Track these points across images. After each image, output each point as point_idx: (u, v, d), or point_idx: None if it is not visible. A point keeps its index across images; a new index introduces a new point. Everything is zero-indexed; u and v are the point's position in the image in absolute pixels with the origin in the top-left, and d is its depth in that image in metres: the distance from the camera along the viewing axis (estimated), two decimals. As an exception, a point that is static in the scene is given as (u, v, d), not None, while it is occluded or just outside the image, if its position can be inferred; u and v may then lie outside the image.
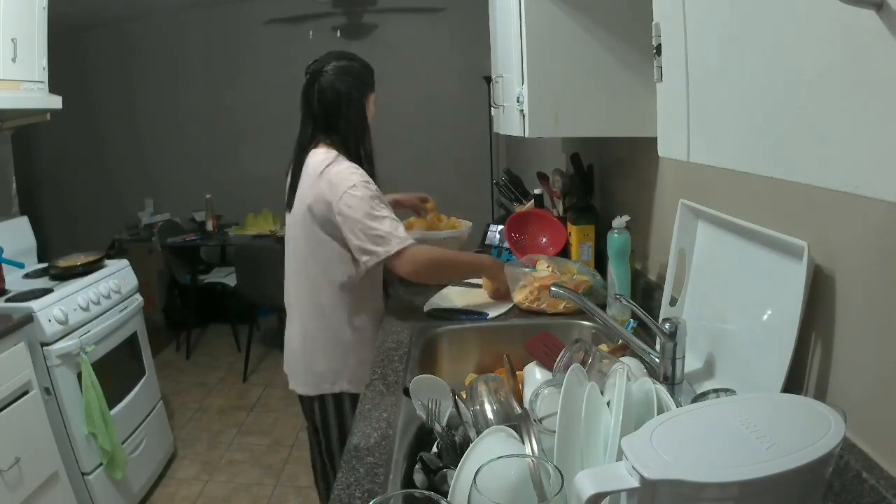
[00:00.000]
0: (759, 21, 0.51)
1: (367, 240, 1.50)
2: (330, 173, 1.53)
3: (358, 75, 1.62)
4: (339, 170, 1.54)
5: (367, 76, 1.65)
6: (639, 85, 1.31)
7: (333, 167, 1.54)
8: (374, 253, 1.51)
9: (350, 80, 1.60)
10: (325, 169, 1.54)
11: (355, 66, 1.62)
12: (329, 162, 1.55)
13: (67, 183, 5.11)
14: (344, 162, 1.56)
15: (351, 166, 1.55)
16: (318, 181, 1.54)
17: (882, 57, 0.37)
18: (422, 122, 4.73)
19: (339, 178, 1.52)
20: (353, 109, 1.61)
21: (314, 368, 1.66)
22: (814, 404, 0.63)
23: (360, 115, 1.62)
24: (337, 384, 1.64)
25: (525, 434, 0.80)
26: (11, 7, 2.24)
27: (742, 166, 0.58)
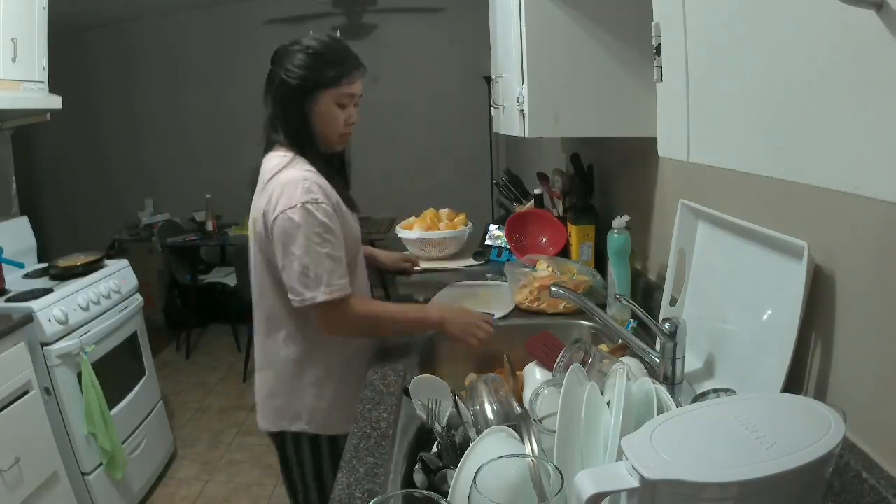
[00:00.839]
0: (759, 21, 0.51)
1: (294, 276, 1.26)
2: (274, 184, 1.28)
3: (301, 68, 1.30)
4: (286, 180, 1.27)
5: (320, 70, 1.31)
6: (639, 85, 1.31)
7: (281, 175, 1.29)
8: (299, 295, 1.27)
9: (289, 73, 1.31)
10: (272, 177, 1.30)
11: (301, 57, 1.31)
12: (280, 168, 1.30)
13: (67, 183, 5.11)
14: (296, 168, 1.30)
15: (304, 176, 1.28)
16: (263, 190, 1.31)
17: (882, 57, 0.37)
18: (422, 122, 4.72)
19: (281, 191, 1.26)
20: (288, 109, 1.33)
21: (273, 401, 1.43)
22: (814, 404, 0.63)
23: (293, 117, 1.33)
24: (295, 423, 1.41)
25: (525, 434, 0.80)
26: (11, 7, 2.24)
27: (742, 166, 0.58)
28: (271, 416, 1.43)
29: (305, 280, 1.25)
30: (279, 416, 1.42)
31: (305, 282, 1.25)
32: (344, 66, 1.33)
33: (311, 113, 1.33)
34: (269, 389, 1.43)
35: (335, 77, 1.32)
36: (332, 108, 1.34)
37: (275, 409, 1.42)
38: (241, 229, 4.33)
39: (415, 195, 1.66)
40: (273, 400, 1.42)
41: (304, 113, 1.33)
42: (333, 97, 1.33)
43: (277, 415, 1.42)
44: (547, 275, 1.61)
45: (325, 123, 1.35)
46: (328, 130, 1.36)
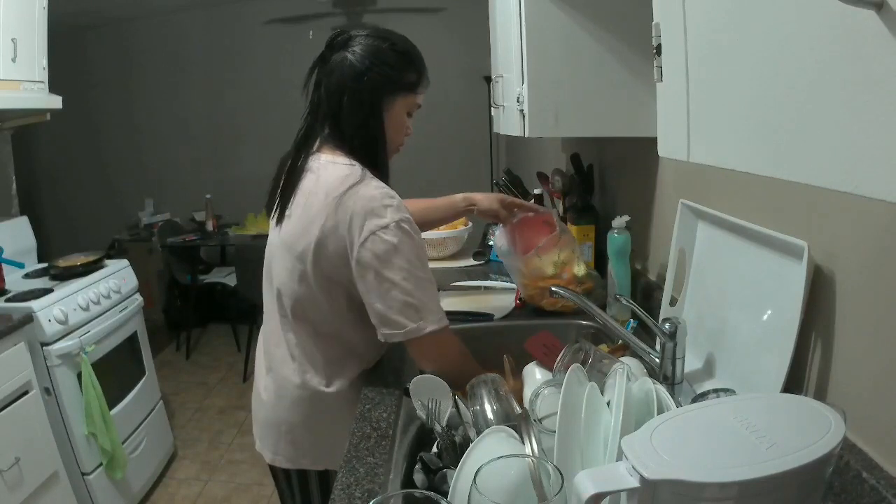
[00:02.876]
0: (759, 21, 0.51)
1: (394, 306, 1.11)
2: (355, 201, 1.10)
3: (387, 64, 1.16)
4: (368, 198, 1.10)
5: (404, 71, 1.19)
6: (639, 85, 1.31)
7: (358, 190, 1.11)
8: (401, 327, 1.12)
9: (373, 67, 1.15)
10: (347, 191, 1.11)
11: (388, 53, 1.17)
12: (353, 182, 1.12)
13: (67, 183, 5.11)
14: (373, 184, 1.13)
15: (385, 193, 1.12)
16: (335, 207, 1.11)
17: (882, 57, 0.37)
18: (422, 122, 4.69)
19: (366, 210, 1.09)
20: (363, 108, 1.16)
21: (292, 437, 1.27)
22: (814, 404, 0.63)
23: (369, 115, 1.17)
24: (321, 462, 1.28)
25: (525, 434, 0.80)
26: (11, 7, 2.24)
27: (742, 166, 0.58)
28: (288, 452, 1.28)
29: (409, 309, 1.11)
30: (299, 453, 1.27)
31: (409, 311, 1.11)
32: (423, 72, 1.23)
33: (384, 115, 1.19)
34: (283, 423, 1.26)
35: (415, 83, 1.21)
36: (403, 114, 1.22)
37: (295, 444, 1.27)
38: (241, 229, 4.33)
39: (414, 195, 1.63)
40: (292, 435, 1.27)
41: (379, 114, 1.18)
42: (407, 104, 1.22)
43: (297, 450, 1.27)
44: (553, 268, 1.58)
45: (394, 129, 1.22)
46: (395, 138, 1.23)
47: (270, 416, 1.29)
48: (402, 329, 1.12)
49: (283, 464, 1.29)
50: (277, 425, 1.28)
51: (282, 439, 1.28)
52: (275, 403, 1.28)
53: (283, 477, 1.32)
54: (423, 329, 1.12)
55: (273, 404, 1.28)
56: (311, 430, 1.26)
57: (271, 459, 1.30)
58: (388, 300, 1.11)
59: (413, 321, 1.12)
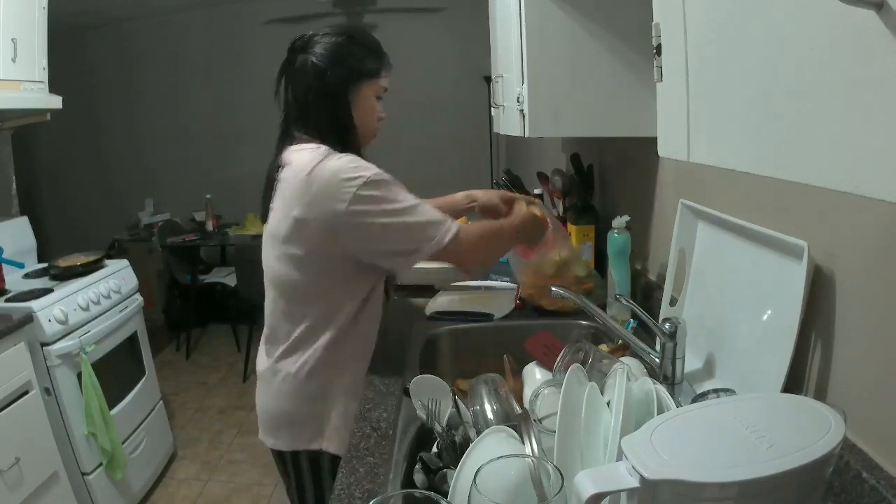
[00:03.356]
0: (758, 21, 0.51)
1: (404, 239, 1.19)
2: (324, 172, 1.16)
3: (347, 56, 1.23)
4: (337, 165, 1.17)
5: (365, 59, 1.26)
6: (639, 85, 1.31)
7: (327, 163, 1.18)
8: (417, 251, 1.19)
9: (335, 62, 1.22)
10: (314, 168, 1.17)
11: (347, 45, 1.24)
12: (317, 160, 1.18)
13: (67, 183, 5.11)
14: (335, 156, 1.20)
15: (347, 159, 1.19)
16: (307, 185, 1.17)
17: (882, 57, 0.37)
18: (422, 122, 4.72)
19: (339, 175, 1.16)
20: (327, 101, 1.23)
21: (290, 419, 1.31)
22: (814, 404, 0.63)
23: (336, 107, 1.24)
24: (315, 441, 1.30)
25: (525, 434, 0.80)
26: (11, 7, 2.24)
27: (742, 166, 0.58)
28: (288, 433, 1.32)
29: (422, 232, 1.18)
30: (298, 434, 1.31)
31: (423, 234, 1.18)
32: (382, 57, 1.29)
33: (352, 105, 1.26)
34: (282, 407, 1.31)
35: (376, 68, 1.27)
36: (371, 99, 1.28)
37: (294, 425, 1.31)
38: (242, 229, 4.33)
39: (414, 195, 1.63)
40: (290, 416, 1.31)
41: (347, 104, 1.25)
42: (373, 89, 1.28)
43: (297, 431, 1.31)
44: None
45: (364, 116, 1.28)
46: (366, 124, 1.30)
47: (261, 403, 1.35)
48: (423, 251, 1.19)
49: (275, 446, 1.34)
50: (267, 410, 1.34)
51: (273, 423, 1.33)
52: (263, 390, 1.35)
53: (279, 459, 1.37)
54: (447, 236, 1.19)
55: (262, 392, 1.35)
56: (296, 409, 1.30)
57: (272, 444, 1.35)
58: (396, 237, 1.19)
59: (434, 236, 1.19)
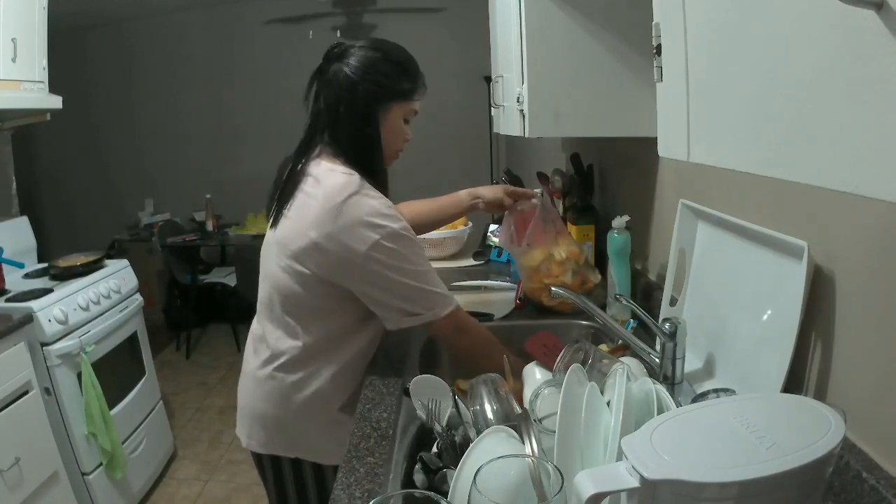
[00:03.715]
0: (759, 21, 0.51)
1: (408, 300, 1.20)
2: (355, 210, 1.15)
3: (381, 74, 1.22)
4: (370, 208, 1.16)
5: (398, 79, 1.25)
6: (639, 85, 1.31)
7: (361, 200, 1.16)
8: (416, 315, 1.21)
9: (367, 77, 1.21)
10: (346, 200, 1.15)
11: (381, 63, 1.23)
12: (352, 192, 1.16)
13: (67, 183, 5.11)
14: (371, 194, 1.19)
15: (382, 203, 1.19)
16: (335, 214, 1.15)
17: (882, 57, 0.37)
18: (422, 122, 4.69)
19: (368, 219, 1.15)
20: (358, 117, 1.22)
21: (275, 423, 1.31)
22: (814, 404, 0.63)
23: (364, 124, 1.23)
24: (293, 450, 1.31)
25: (525, 434, 0.80)
26: (11, 7, 2.24)
27: (742, 166, 0.58)
28: (262, 436, 1.33)
29: (425, 298, 1.21)
30: (272, 440, 1.32)
31: (425, 300, 1.21)
32: (417, 79, 1.28)
33: (380, 123, 1.25)
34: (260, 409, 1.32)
35: (410, 90, 1.27)
36: (399, 120, 1.28)
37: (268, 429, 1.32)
38: (241, 229, 4.33)
39: (414, 195, 1.63)
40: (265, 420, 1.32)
41: (375, 122, 1.24)
42: (403, 111, 1.28)
43: (271, 436, 1.32)
44: None
45: (391, 136, 1.28)
46: (393, 144, 1.29)
47: (247, 401, 1.35)
48: (418, 316, 1.21)
49: (256, 448, 1.34)
50: (252, 410, 1.34)
51: (254, 424, 1.33)
52: (251, 389, 1.34)
53: (257, 461, 1.37)
54: (446, 309, 1.22)
55: (249, 390, 1.35)
56: (280, 419, 1.30)
57: (246, 443, 1.35)
58: (397, 295, 1.19)
59: (429, 309, 1.21)
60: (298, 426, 1.30)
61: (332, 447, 1.25)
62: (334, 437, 1.25)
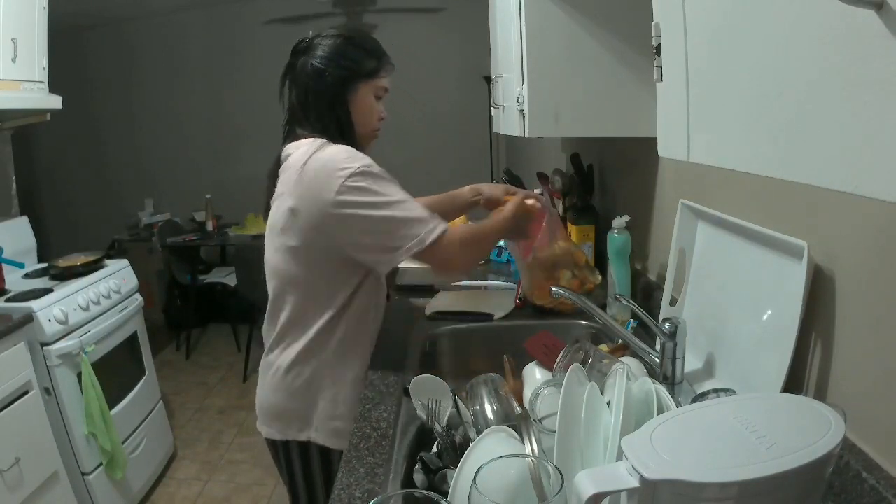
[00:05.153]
0: (758, 21, 0.51)
1: (388, 234, 1.17)
2: (316, 162, 1.18)
3: (345, 57, 1.26)
4: (328, 156, 1.19)
5: (361, 59, 1.28)
6: (639, 85, 1.31)
7: (320, 153, 1.19)
8: (400, 248, 1.17)
9: (332, 63, 1.25)
10: (307, 160, 1.19)
11: (344, 46, 1.27)
12: (312, 151, 1.20)
13: (67, 183, 5.11)
14: (329, 147, 1.22)
15: (339, 149, 1.21)
16: (300, 176, 1.19)
17: (882, 57, 0.37)
18: (422, 121, 4.72)
19: (329, 166, 1.17)
20: (326, 100, 1.26)
21: (279, 410, 1.33)
22: (814, 404, 0.63)
23: (334, 106, 1.26)
24: (304, 432, 1.31)
25: (525, 434, 0.80)
26: (11, 7, 2.24)
27: (742, 166, 0.58)
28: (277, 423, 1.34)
29: (407, 229, 1.17)
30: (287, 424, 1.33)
31: (407, 231, 1.17)
32: (381, 57, 1.31)
33: (350, 104, 1.28)
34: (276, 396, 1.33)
35: (374, 68, 1.29)
36: (369, 98, 1.30)
37: (282, 415, 1.33)
38: (242, 229, 4.33)
39: (414, 195, 1.62)
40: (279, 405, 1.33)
41: (344, 102, 1.27)
42: (372, 89, 1.30)
43: (286, 421, 1.33)
44: None
45: (363, 115, 1.30)
46: (366, 123, 1.31)
47: (258, 392, 1.39)
48: (402, 249, 1.18)
49: (268, 434, 1.36)
50: (262, 399, 1.37)
51: (263, 412, 1.37)
52: (259, 379, 1.39)
53: (272, 448, 1.39)
54: (431, 235, 1.18)
55: (259, 381, 1.39)
56: (286, 401, 1.32)
57: (260, 430, 1.38)
58: (382, 231, 1.18)
59: (419, 233, 1.17)
60: (302, 401, 1.31)
61: (338, 425, 1.28)
62: (337, 416, 1.28)
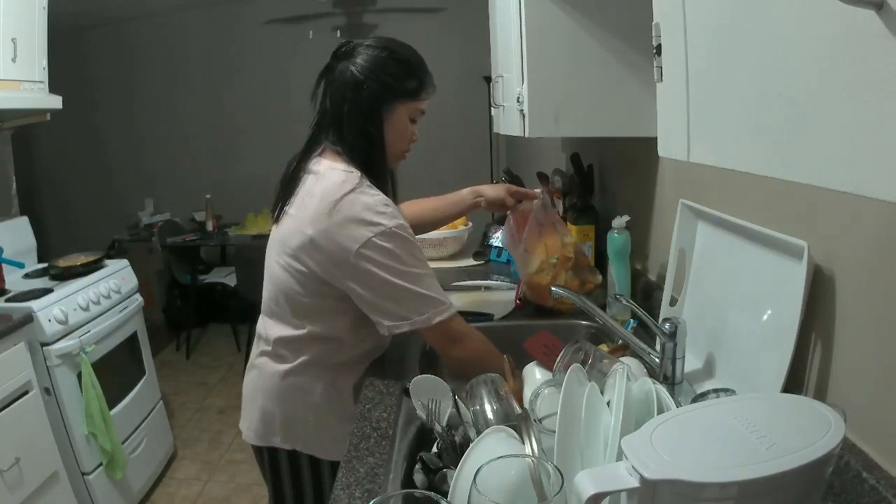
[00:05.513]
0: (759, 21, 0.51)
1: (399, 303, 1.16)
2: (350, 206, 1.14)
3: (387, 73, 1.21)
4: (365, 203, 1.15)
5: (404, 79, 1.23)
6: (639, 85, 1.31)
7: (357, 196, 1.15)
8: (406, 319, 1.17)
9: (372, 76, 1.20)
10: (342, 198, 1.14)
11: (388, 62, 1.21)
12: (349, 189, 1.15)
13: (67, 183, 5.11)
14: (368, 191, 1.17)
15: (378, 200, 1.17)
16: (331, 211, 1.15)
17: (882, 57, 0.37)
18: (422, 122, 4.72)
19: (363, 216, 1.14)
20: (361, 115, 1.21)
21: (271, 417, 1.30)
22: (814, 404, 0.63)
23: (368, 123, 1.22)
24: (288, 442, 1.30)
25: (525, 434, 0.80)
26: (11, 7, 2.24)
27: (742, 166, 0.58)
28: (259, 428, 1.33)
29: (417, 301, 1.17)
30: (269, 430, 1.32)
31: (417, 304, 1.17)
32: (424, 79, 1.26)
33: (384, 122, 1.23)
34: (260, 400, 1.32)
35: (416, 90, 1.25)
36: (405, 120, 1.26)
37: (266, 421, 1.32)
38: (241, 229, 4.33)
39: (414, 195, 1.63)
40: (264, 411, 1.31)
41: (379, 121, 1.22)
42: (408, 110, 1.26)
43: (268, 427, 1.32)
44: None
45: (396, 136, 1.26)
46: (397, 144, 1.28)
47: (248, 393, 1.37)
48: (407, 321, 1.17)
49: (253, 440, 1.34)
50: (252, 402, 1.34)
51: (253, 415, 1.34)
52: (252, 381, 1.36)
53: (257, 453, 1.38)
54: (432, 319, 1.17)
55: (250, 382, 1.36)
56: (275, 408, 1.30)
57: (245, 435, 1.36)
58: (386, 297, 1.16)
59: (419, 314, 1.17)
60: (293, 416, 1.29)
61: (329, 440, 1.27)
62: (331, 430, 1.27)
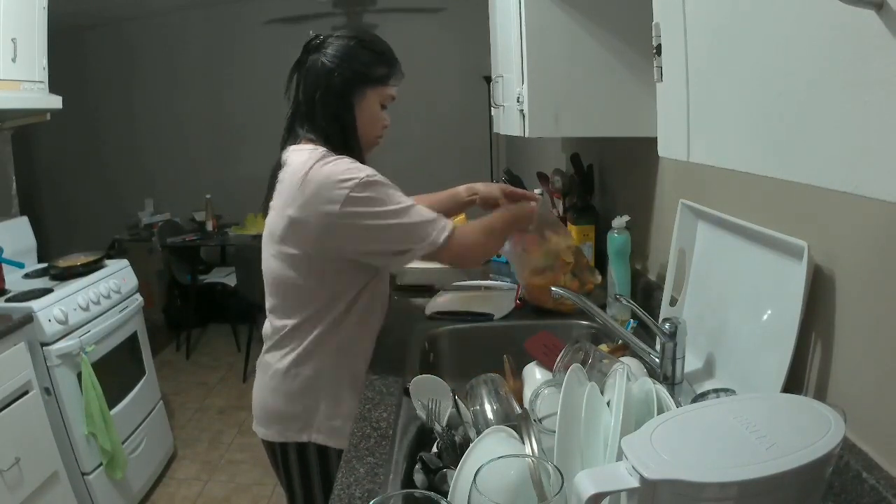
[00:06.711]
0: (759, 21, 0.51)
1: (398, 239, 1.20)
2: (318, 174, 1.18)
3: (356, 60, 1.24)
4: (331, 167, 1.18)
5: (372, 64, 1.26)
6: (639, 85, 1.31)
7: (321, 167, 1.19)
8: (410, 250, 1.20)
9: (342, 64, 1.23)
10: (310, 170, 1.18)
11: (356, 49, 1.25)
12: (313, 162, 1.19)
13: (67, 183, 5.11)
14: (331, 159, 1.21)
15: (342, 161, 1.21)
16: (302, 186, 1.18)
17: (882, 57, 0.37)
18: (422, 122, 4.72)
19: (333, 177, 1.17)
20: (333, 101, 1.24)
21: (279, 413, 1.33)
22: (814, 404, 0.63)
23: (339, 108, 1.25)
24: (304, 433, 1.31)
25: (525, 434, 0.80)
26: (11, 7, 2.24)
27: (742, 166, 0.58)
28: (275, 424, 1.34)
29: (414, 232, 1.20)
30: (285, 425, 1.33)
31: (417, 234, 1.20)
32: (393, 65, 1.30)
33: (355, 108, 1.27)
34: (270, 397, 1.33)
35: (385, 76, 1.28)
36: (376, 105, 1.29)
37: (280, 416, 1.33)
38: (241, 229, 4.33)
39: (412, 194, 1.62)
40: (276, 406, 1.33)
41: (350, 106, 1.26)
42: (379, 96, 1.29)
43: (284, 422, 1.33)
44: None
45: (367, 122, 1.29)
46: (369, 130, 1.31)
47: (256, 393, 1.39)
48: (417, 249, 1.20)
49: (265, 436, 1.36)
50: (257, 401, 1.38)
51: (261, 413, 1.37)
52: (258, 379, 1.39)
53: (269, 450, 1.39)
54: (437, 240, 1.21)
55: (258, 381, 1.39)
56: (283, 401, 1.32)
57: (262, 434, 1.37)
58: (384, 240, 1.20)
59: (421, 240, 1.20)
60: (301, 405, 1.31)
61: (338, 424, 1.28)
62: (338, 415, 1.29)
